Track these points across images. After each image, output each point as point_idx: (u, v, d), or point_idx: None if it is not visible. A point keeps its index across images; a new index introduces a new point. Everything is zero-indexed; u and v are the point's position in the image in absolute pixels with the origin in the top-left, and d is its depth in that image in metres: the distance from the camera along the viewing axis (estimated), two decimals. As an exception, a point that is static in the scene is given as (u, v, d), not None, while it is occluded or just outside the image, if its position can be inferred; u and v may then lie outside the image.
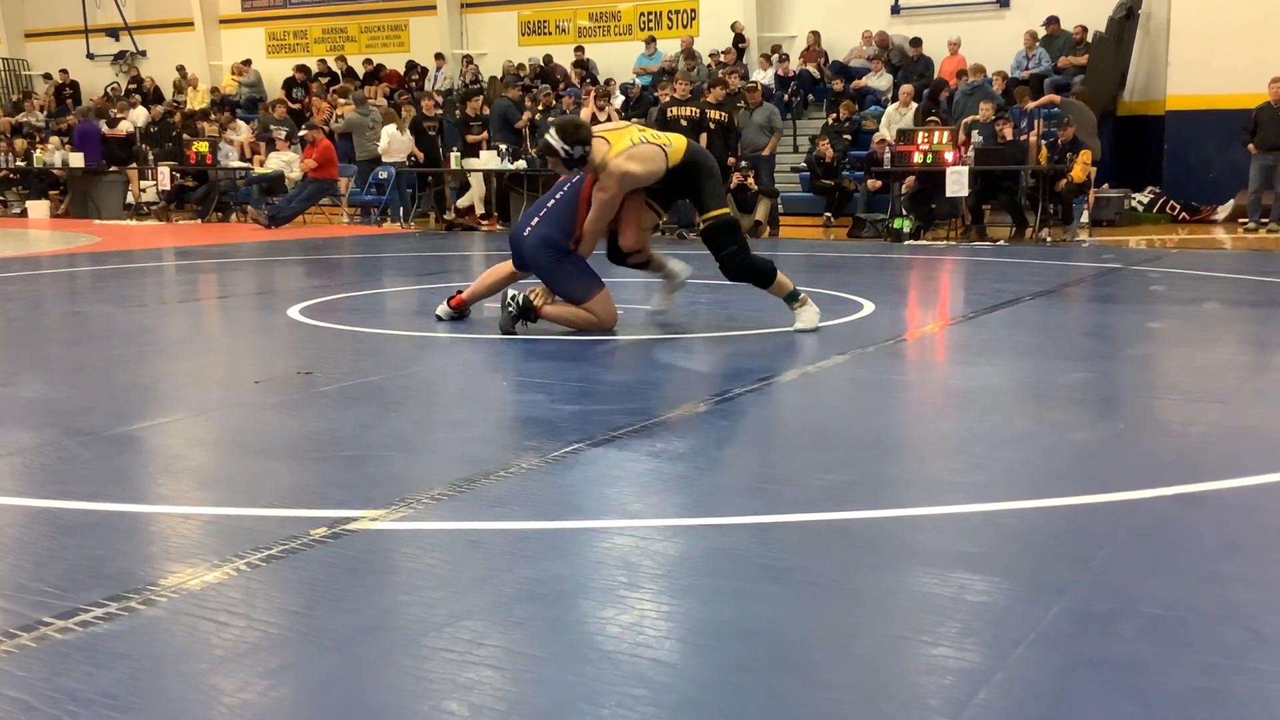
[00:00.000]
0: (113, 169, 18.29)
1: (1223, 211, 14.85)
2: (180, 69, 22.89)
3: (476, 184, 15.70)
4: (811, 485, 3.24)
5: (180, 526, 2.90)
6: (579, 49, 19.71)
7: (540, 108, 15.88)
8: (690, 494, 3.20)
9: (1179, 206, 15.14)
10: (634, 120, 12.05)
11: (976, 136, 12.97)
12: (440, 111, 16.70)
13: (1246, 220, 13.69)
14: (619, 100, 16.62)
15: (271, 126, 17.49)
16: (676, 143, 5.95)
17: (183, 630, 2.21)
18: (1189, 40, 15.05)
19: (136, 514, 3.00)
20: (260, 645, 2.13)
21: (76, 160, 17.86)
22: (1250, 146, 13.40)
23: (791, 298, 5.95)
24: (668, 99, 13.86)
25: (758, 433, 4.07)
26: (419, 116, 16.26)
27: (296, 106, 19.56)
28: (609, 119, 13.52)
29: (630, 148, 5.76)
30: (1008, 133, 13.14)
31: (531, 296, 5.89)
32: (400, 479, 3.28)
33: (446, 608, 2.31)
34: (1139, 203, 15.37)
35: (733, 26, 18.61)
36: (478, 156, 15.35)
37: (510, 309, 5.88)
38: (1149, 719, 1.86)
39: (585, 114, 14.22)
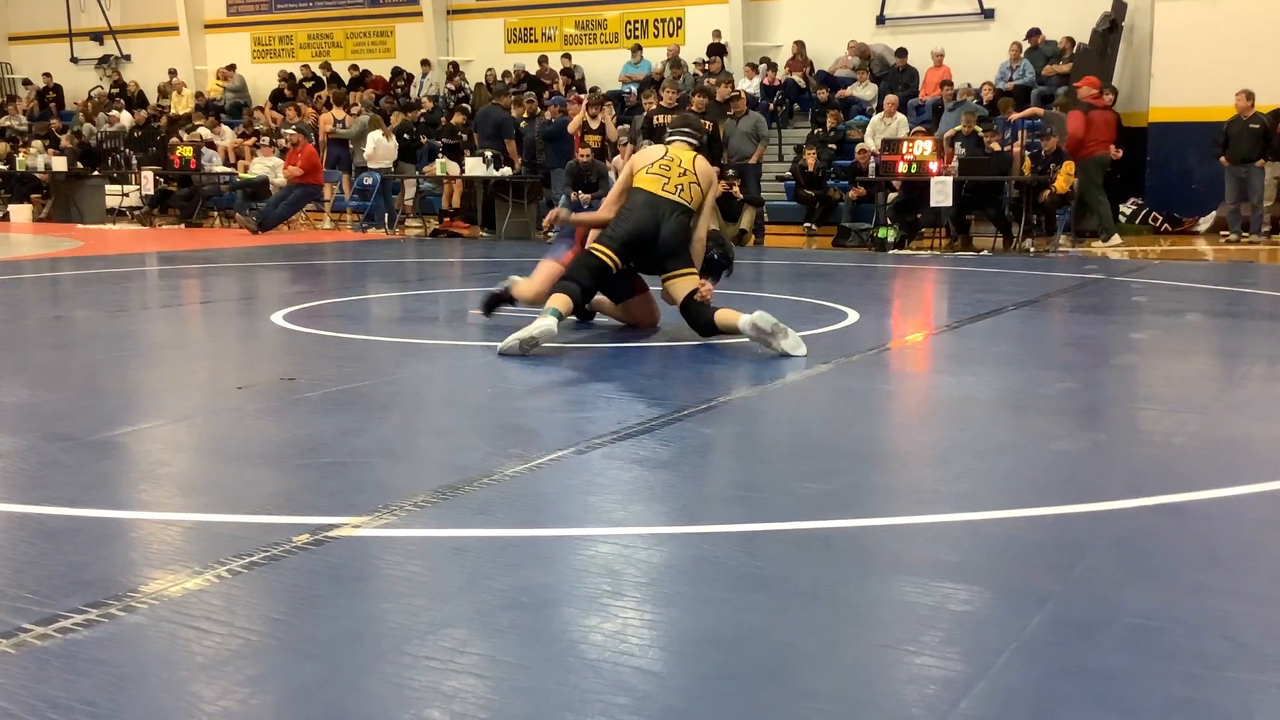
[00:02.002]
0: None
1: (1204, 223, 14.93)
2: (172, 72, 22.83)
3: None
4: (795, 494, 3.24)
5: (162, 533, 2.89)
6: (565, 56, 19.72)
7: (525, 114, 15.87)
8: (674, 502, 3.20)
9: (1161, 218, 15.22)
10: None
11: (959, 149, 13.02)
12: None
13: (1228, 232, 13.79)
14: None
15: (295, 127, 17.16)
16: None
17: (164, 637, 2.20)
18: (1172, 52, 15.13)
19: (118, 520, 2.98)
20: (241, 653, 2.12)
21: (59, 164, 17.77)
22: (1222, 160, 13.51)
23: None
24: (653, 107, 13.87)
25: (741, 441, 4.07)
26: None
27: (310, 110, 19.38)
28: (601, 126, 13.66)
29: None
30: (995, 145, 13.20)
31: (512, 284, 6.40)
32: (383, 486, 3.27)
33: (429, 615, 2.30)
34: (1122, 214, 15.44)
35: (714, 34, 18.62)
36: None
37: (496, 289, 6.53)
38: (1130, 728, 1.87)
39: (575, 121, 14.21)
